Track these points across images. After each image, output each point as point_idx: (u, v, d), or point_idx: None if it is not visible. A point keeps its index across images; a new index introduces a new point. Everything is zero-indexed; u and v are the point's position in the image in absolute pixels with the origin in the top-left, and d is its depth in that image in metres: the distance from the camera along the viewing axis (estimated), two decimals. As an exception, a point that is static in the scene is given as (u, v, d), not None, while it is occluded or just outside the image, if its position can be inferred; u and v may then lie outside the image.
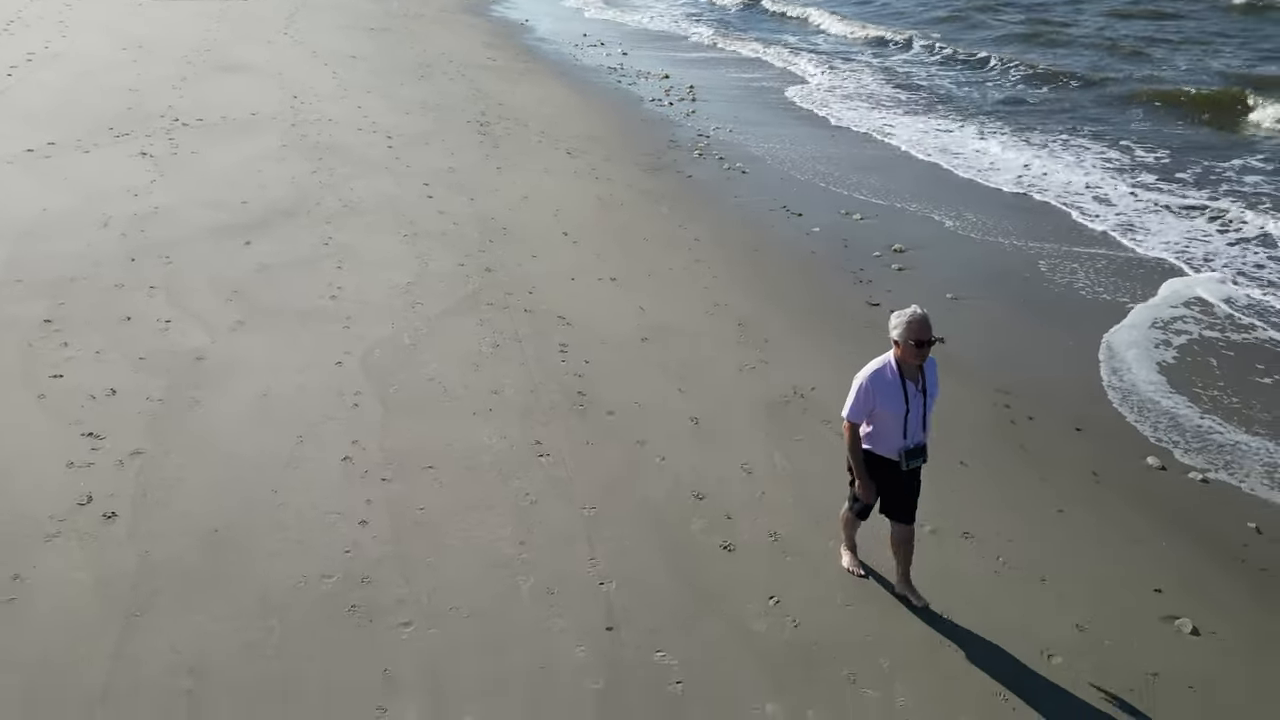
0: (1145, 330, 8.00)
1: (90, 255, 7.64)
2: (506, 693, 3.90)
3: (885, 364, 4.29)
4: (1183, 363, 7.40)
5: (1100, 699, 4.11)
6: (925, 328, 4.14)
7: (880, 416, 4.29)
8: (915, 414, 4.29)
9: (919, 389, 4.30)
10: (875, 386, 4.24)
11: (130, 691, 3.73)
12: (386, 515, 4.88)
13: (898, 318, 4.19)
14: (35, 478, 4.92)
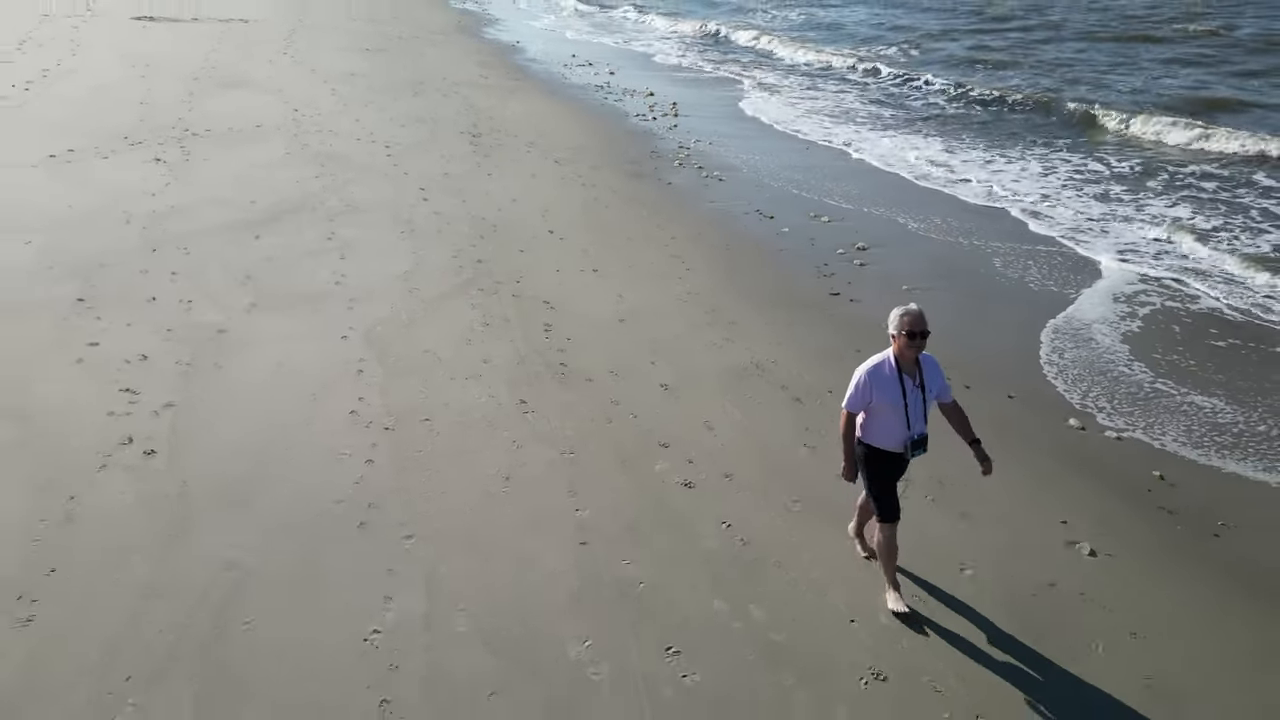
0: (1087, 317, 8.85)
1: (115, 246, 8.44)
2: (493, 591, 4.65)
3: (884, 359, 4.55)
4: (1117, 344, 8.23)
5: (1001, 600, 4.88)
6: (919, 320, 4.43)
7: (879, 409, 4.53)
8: (915, 406, 4.53)
9: (916, 384, 4.54)
10: (873, 380, 4.50)
11: (173, 584, 4.47)
12: (389, 455, 5.65)
13: (894, 313, 4.50)
14: (81, 424, 5.68)
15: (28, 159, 10.75)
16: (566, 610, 4.54)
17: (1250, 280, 9.69)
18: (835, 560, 5.09)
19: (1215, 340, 8.33)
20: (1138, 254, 10.51)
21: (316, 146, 12.50)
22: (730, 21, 30.65)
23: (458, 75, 18.96)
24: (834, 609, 4.72)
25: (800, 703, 4.11)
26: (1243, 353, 8.11)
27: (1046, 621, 4.78)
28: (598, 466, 5.78)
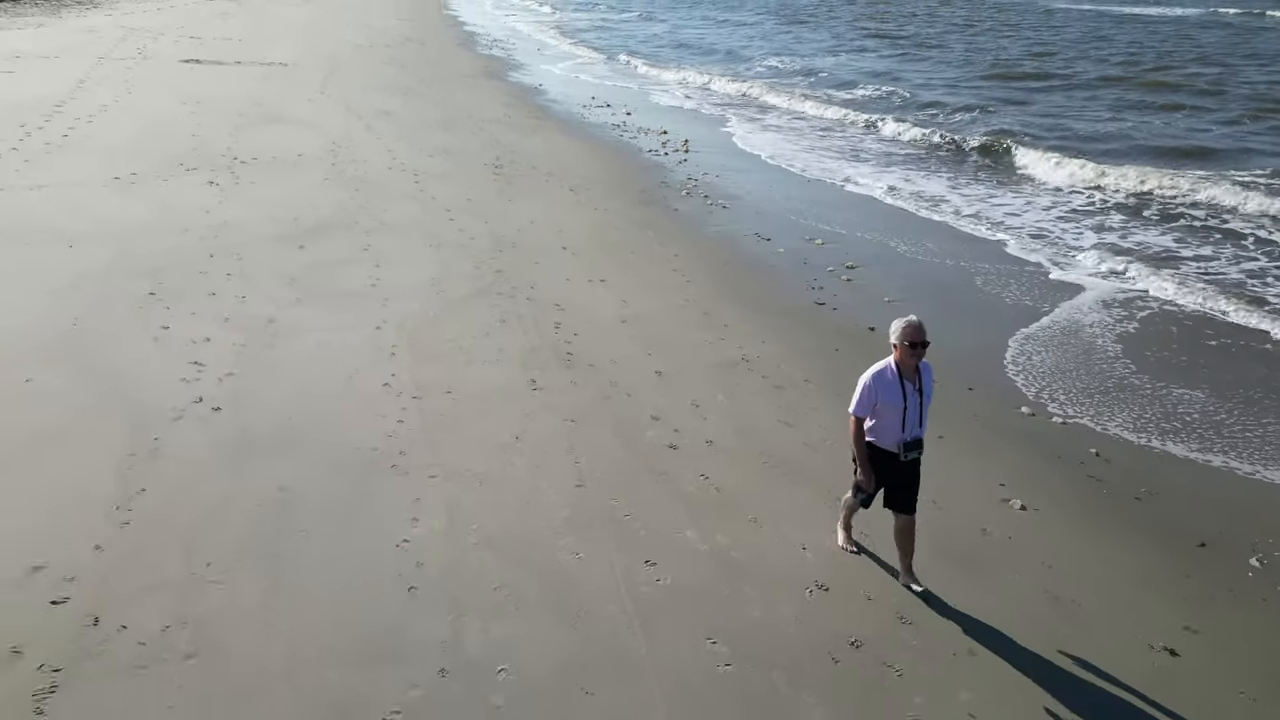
0: (1056, 328, 9.79)
1: (177, 252, 9.71)
2: (501, 516, 5.66)
3: (886, 366, 5.01)
4: (1080, 350, 9.16)
5: (939, 540, 5.80)
6: (919, 331, 4.91)
7: (882, 412, 5.00)
8: (913, 411, 4.98)
9: (916, 389, 5.00)
10: (877, 384, 4.97)
11: (239, 502, 5.53)
12: (417, 417, 6.72)
13: (896, 324, 4.98)
14: (157, 387, 6.82)
15: (97, 180, 12.17)
16: (562, 531, 5.53)
17: (1209, 298, 10.61)
18: (795, 507, 6.04)
19: (1171, 347, 9.27)
20: (1108, 275, 11.50)
21: (352, 174, 13.87)
22: (738, 70, 32.34)
23: (483, 114, 20.47)
24: (788, 540, 5.67)
25: (751, 599, 5.05)
26: (1195, 357, 9.03)
27: (974, 555, 5.70)
28: (595, 432, 6.80)
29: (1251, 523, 6.30)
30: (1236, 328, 9.84)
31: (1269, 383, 8.49)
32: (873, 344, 8.89)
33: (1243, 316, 10.12)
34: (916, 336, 4.90)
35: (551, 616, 4.80)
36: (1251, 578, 5.68)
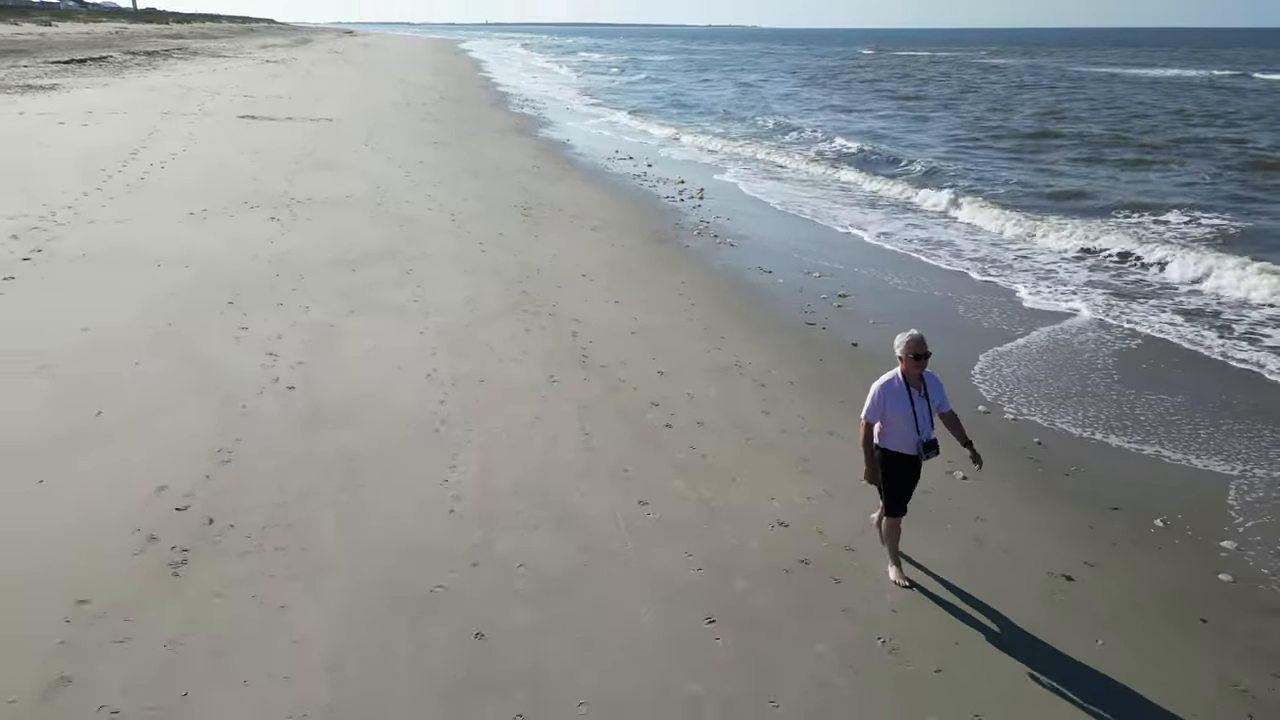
0: (1027, 348, 11.03)
1: (248, 273, 11.37)
2: (522, 467, 7.01)
3: (894, 376, 5.61)
4: (1045, 366, 10.38)
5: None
6: (920, 344, 5.51)
7: (892, 417, 5.56)
8: (922, 414, 5.56)
9: (922, 395, 5.60)
10: (885, 393, 5.57)
11: (314, 460, 6.94)
12: (455, 399, 8.15)
13: (899, 338, 5.55)
14: (242, 372, 8.34)
15: (174, 215, 14.00)
16: (572, 479, 6.87)
17: (1163, 321, 11.84)
18: (768, 471, 7.32)
19: (1124, 364, 10.49)
20: (1075, 307, 12.78)
21: (394, 213, 15.62)
22: (753, 128, 34.35)
23: (513, 165, 22.40)
24: (760, 493, 6.95)
25: (724, 531, 6.33)
26: (1145, 370, 10.25)
27: (915, 510, 6.89)
28: (603, 414, 8.17)
29: (1167, 495, 7.45)
30: (1180, 348, 11.06)
31: (1203, 390, 9.67)
32: (855, 356, 10.26)
33: (1187, 340, 11.35)
34: (919, 349, 5.49)
35: (562, 534, 6.12)
36: (1153, 533, 6.84)
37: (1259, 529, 6.96)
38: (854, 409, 8.60)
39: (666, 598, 5.54)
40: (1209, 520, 7.06)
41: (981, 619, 5.59)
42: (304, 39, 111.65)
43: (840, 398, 8.97)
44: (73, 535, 5.64)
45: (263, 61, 57.92)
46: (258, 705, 4.38)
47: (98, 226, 13.12)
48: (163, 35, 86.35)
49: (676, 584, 5.69)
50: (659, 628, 5.23)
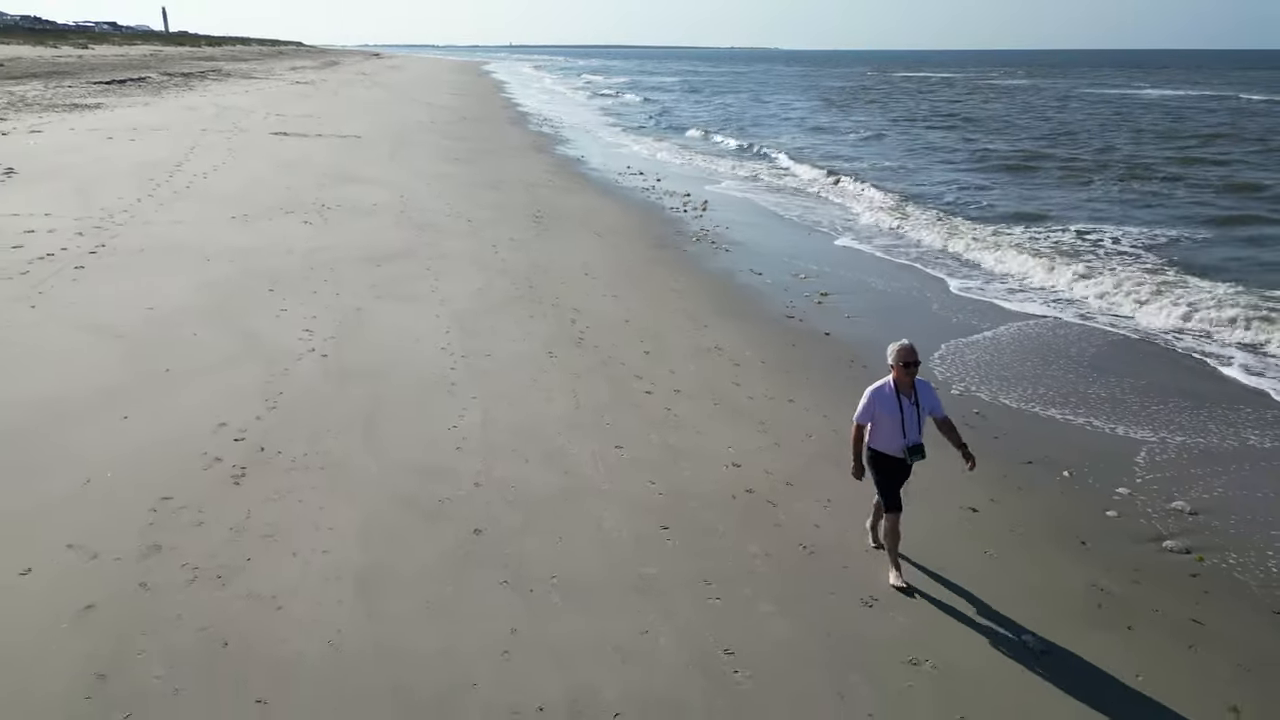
0: (987, 339, 12.26)
1: (285, 266, 12.89)
2: (518, 417, 8.35)
3: (885, 382, 6.00)
4: (1000, 354, 11.61)
5: (830, 452, 8.31)
6: (910, 352, 5.90)
7: (881, 420, 5.94)
8: (910, 420, 5.90)
9: (912, 402, 5.95)
10: (876, 398, 5.94)
11: (345, 408, 8.34)
12: (465, 368, 9.54)
13: (891, 348, 5.94)
14: (282, 343, 9.79)
15: (218, 219, 15.63)
16: (559, 428, 8.21)
17: (1111, 317, 13.02)
18: (731, 428, 8.61)
19: (1073, 353, 11.70)
20: (1042, 304, 14.00)
21: (416, 219, 17.16)
22: (761, 143, 35.84)
23: (528, 178, 23.98)
24: (720, 443, 8.24)
25: (685, 469, 7.63)
26: (1085, 361, 11.45)
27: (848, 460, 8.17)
28: (592, 382, 9.52)
29: (1081, 453, 8.65)
30: (1126, 339, 12.24)
31: (1140, 373, 10.86)
32: (825, 343, 11.55)
33: (1135, 332, 12.53)
34: (909, 357, 5.89)
35: (548, 466, 7.45)
36: (1057, 481, 8.05)
37: (1157, 481, 8.15)
38: (815, 383, 9.99)
39: (629, 511, 6.84)
40: (1113, 473, 8.25)
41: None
42: (332, 61, 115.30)
43: (805, 375, 10.28)
44: (154, 456, 7.07)
45: (293, 82, 60.49)
46: (303, 568, 5.74)
47: (152, 227, 14.75)
48: (196, 57, 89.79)
49: (639, 502, 7.00)
50: (621, 530, 6.55)
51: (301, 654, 4.93)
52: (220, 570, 5.65)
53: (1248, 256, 17.78)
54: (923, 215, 21.39)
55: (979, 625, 5.74)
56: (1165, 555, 6.87)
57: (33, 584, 5.39)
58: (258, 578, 5.60)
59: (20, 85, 40.60)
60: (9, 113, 29.59)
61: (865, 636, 5.52)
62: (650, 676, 5.00)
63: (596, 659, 5.11)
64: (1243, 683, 5.36)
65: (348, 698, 4.64)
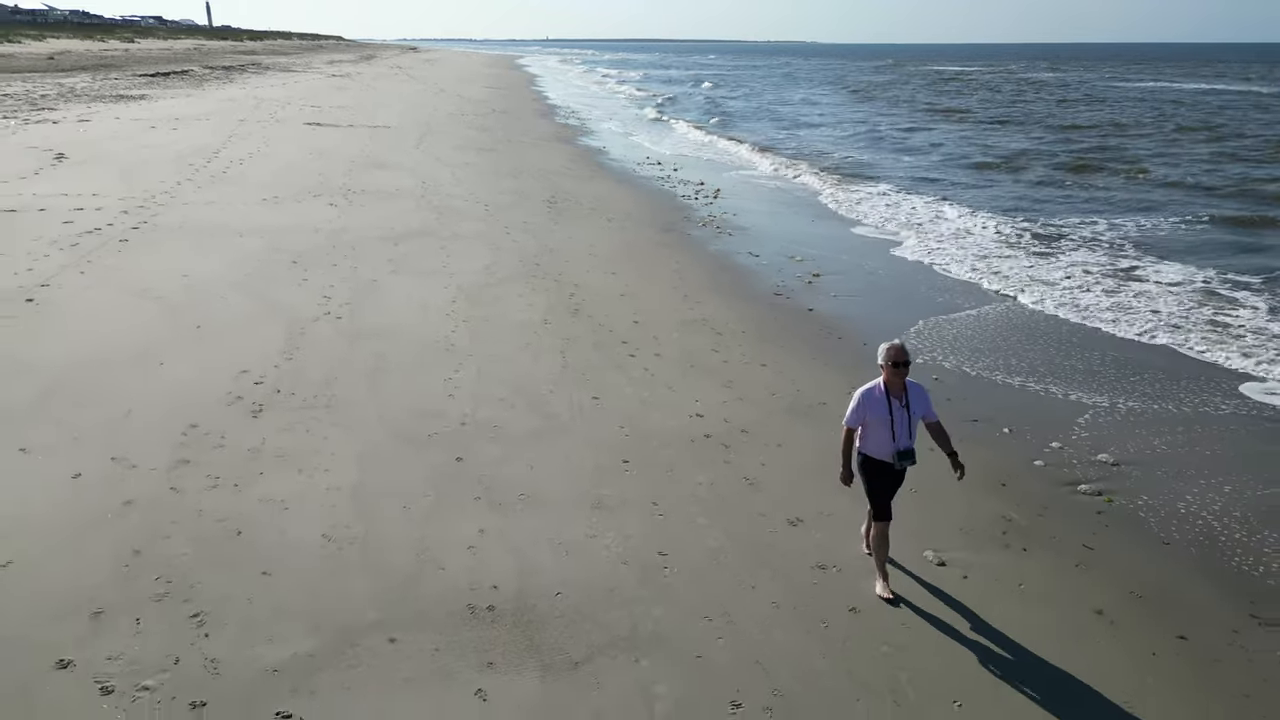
0: (967, 318, 13.03)
1: (310, 243, 14.09)
2: (507, 371, 9.37)
3: (875, 384, 5.79)
4: (970, 329, 12.41)
5: (792, 404, 9.21)
6: (901, 352, 5.67)
7: (871, 424, 5.74)
8: (900, 423, 5.68)
9: (903, 405, 5.73)
10: (865, 401, 5.74)
11: (353, 361, 9.44)
12: (466, 330, 10.60)
13: (881, 348, 5.74)
14: (302, 306, 10.95)
15: (251, 200, 16.93)
16: (544, 383, 9.22)
17: (1074, 312, 13.71)
18: (700, 386, 9.54)
19: (1030, 332, 12.44)
20: (1014, 289, 14.72)
21: (435, 203, 18.31)
22: (779, 135, 36.51)
23: (548, 167, 25.06)
24: (689, 398, 9.18)
25: (654, 418, 8.58)
26: (1059, 339, 12.19)
27: (811, 412, 9.07)
28: (581, 347, 10.51)
29: (1024, 415, 9.44)
30: (1081, 327, 12.93)
31: (1087, 354, 11.59)
32: (807, 318, 12.42)
33: (1090, 322, 13.23)
34: (899, 357, 5.67)
35: (529, 412, 8.47)
36: (996, 436, 8.87)
37: (1091, 438, 8.92)
38: (788, 351, 10.89)
39: (596, 448, 7.83)
40: (1051, 430, 9.05)
41: (840, 496, 7.71)
42: (369, 55, 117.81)
43: (781, 344, 11.17)
44: (185, 393, 8.22)
45: (329, 76, 62.42)
46: (306, 481, 6.82)
47: (190, 207, 16.07)
48: (238, 51, 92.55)
49: (606, 442, 7.98)
50: (586, 462, 7.53)
51: (300, 540, 6.00)
52: (237, 480, 6.75)
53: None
54: (946, 212, 22.04)
55: (900, 563, 6.62)
56: (1077, 496, 7.68)
57: (83, 485, 6.53)
58: (268, 487, 6.69)
59: (70, 77, 42.75)
60: (59, 103, 31.44)
61: (783, 547, 6.44)
62: (590, 568, 5.99)
63: (548, 553, 6.10)
64: (1113, 592, 6.19)
65: (335, 572, 5.69)
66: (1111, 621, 5.87)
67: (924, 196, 23.45)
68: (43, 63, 52.24)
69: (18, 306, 10.23)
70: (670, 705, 4.78)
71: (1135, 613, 5.99)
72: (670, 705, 4.78)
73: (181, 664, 4.78)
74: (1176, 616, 5.99)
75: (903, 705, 4.93)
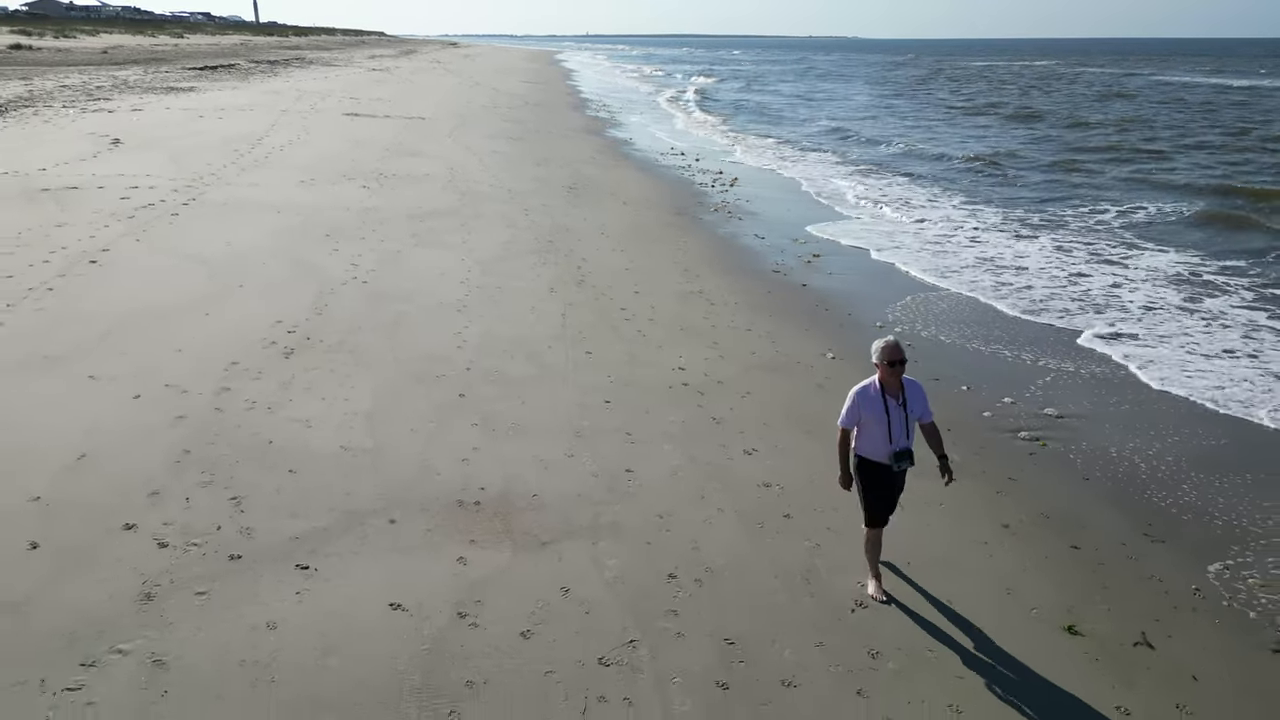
0: (951, 296, 13.87)
1: (342, 219, 15.39)
2: (512, 331, 10.49)
3: (870, 383, 5.62)
4: (949, 306, 13.28)
5: (766, 360, 10.22)
6: (896, 350, 5.48)
7: (867, 424, 5.58)
8: (897, 423, 5.52)
9: (899, 404, 5.55)
10: (860, 400, 5.57)
11: (375, 317, 10.63)
12: (478, 296, 11.75)
13: (876, 345, 5.56)
14: (332, 271, 12.21)
15: (290, 182, 18.33)
16: (544, 340, 10.33)
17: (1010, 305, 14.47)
18: (687, 347, 10.56)
19: (979, 321, 13.26)
20: (1009, 272, 15.50)
21: (462, 187, 19.55)
22: (802, 128, 37.25)
23: (573, 157, 26.21)
24: (674, 354, 10.21)
25: (640, 373, 9.63)
26: (1026, 321, 13.01)
27: (783, 366, 10.05)
28: (582, 310, 11.60)
29: (986, 375, 10.33)
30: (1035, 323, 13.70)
31: (1018, 341, 12.40)
32: (799, 292, 13.38)
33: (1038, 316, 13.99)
34: (895, 355, 5.50)
35: (527, 362, 9.58)
36: (954, 392, 9.77)
37: (1044, 396, 9.79)
38: (775, 319, 11.90)
39: (583, 391, 8.91)
40: (1007, 389, 9.93)
41: (792, 432, 8.70)
42: (410, 50, 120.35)
43: (769, 313, 12.16)
44: (227, 338, 9.49)
45: (369, 70, 64.39)
46: (328, 407, 8.01)
47: (234, 187, 17.49)
48: (283, 47, 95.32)
49: (593, 386, 9.06)
50: (571, 401, 8.63)
51: (321, 449, 7.17)
52: (270, 404, 7.96)
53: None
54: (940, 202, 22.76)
55: (833, 481, 7.60)
56: (1015, 440, 8.60)
57: (142, 404, 7.79)
58: (296, 410, 7.89)
59: (123, 70, 45.00)
60: (114, 94, 33.39)
61: (736, 470, 7.47)
62: (565, 479, 7.07)
63: (530, 467, 7.21)
64: (1024, 513, 7.11)
65: (349, 474, 6.85)
66: (1015, 533, 6.80)
67: (939, 188, 24.16)
68: (97, 56, 54.81)
69: (83, 267, 11.62)
70: (617, 573, 5.85)
71: (1039, 528, 6.91)
72: (617, 573, 5.85)
73: (222, 530, 5.97)
74: (1076, 532, 6.90)
75: (812, 583, 5.93)
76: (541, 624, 5.30)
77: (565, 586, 5.67)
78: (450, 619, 5.26)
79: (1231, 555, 6.78)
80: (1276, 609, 6.15)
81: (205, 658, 4.77)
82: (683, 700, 4.77)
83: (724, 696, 4.83)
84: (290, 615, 5.17)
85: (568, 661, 4.99)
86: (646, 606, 5.54)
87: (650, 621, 5.39)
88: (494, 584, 5.64)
